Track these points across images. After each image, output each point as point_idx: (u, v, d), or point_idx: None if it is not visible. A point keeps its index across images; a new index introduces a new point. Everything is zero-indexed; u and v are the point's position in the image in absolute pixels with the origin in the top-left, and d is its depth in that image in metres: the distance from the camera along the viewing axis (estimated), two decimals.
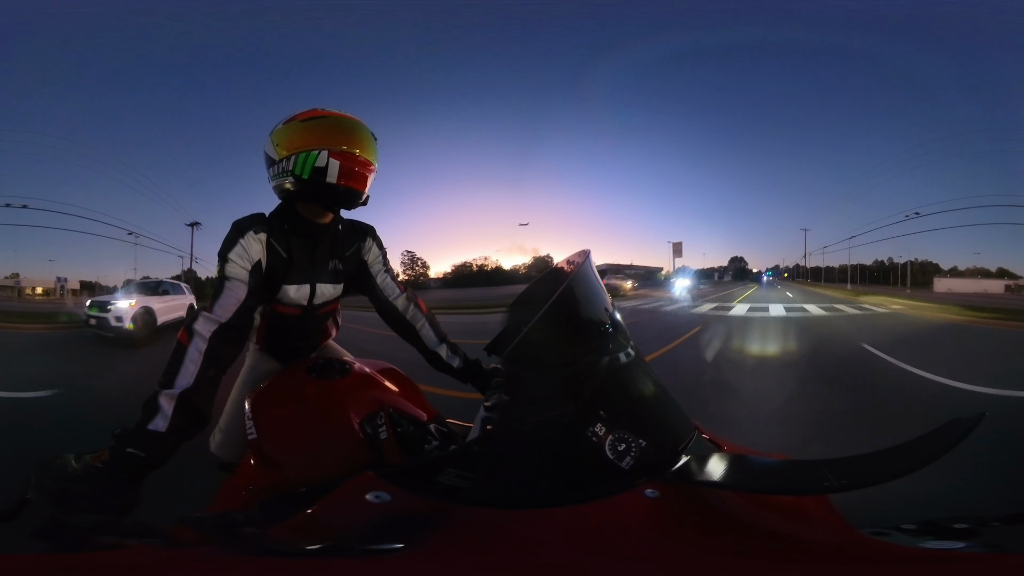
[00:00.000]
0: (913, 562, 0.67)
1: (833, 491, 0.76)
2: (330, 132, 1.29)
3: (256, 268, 1.29)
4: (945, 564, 0.67)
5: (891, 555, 0.70)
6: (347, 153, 1.28)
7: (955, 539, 0.73)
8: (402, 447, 1.13)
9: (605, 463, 0.80)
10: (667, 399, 0.97)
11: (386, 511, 0.75)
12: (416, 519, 0.74)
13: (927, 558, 0.69)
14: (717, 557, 0.68)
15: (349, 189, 1.29)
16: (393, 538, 0.69)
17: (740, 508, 0.78)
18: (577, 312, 0.95)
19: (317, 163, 1.26)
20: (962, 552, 0.70)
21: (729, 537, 0.73)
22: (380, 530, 0.72)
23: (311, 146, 1.27)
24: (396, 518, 0.75)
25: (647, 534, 0.72)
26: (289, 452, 1.16)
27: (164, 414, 1.01)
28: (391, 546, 0.68)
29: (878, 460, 0.77)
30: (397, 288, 1.56)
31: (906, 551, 0.72)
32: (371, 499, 0.76)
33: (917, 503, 1.33)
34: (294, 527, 0.77)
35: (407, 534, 0.70)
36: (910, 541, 0.76)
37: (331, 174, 1.26)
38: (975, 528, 0.76)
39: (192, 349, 1.10)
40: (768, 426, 3.69)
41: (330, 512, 0.78)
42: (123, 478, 0.92)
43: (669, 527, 0.74)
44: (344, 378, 1.35)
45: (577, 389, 0.89)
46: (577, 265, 1.00)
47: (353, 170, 1.28)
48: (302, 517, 0.77)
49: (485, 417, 1.09)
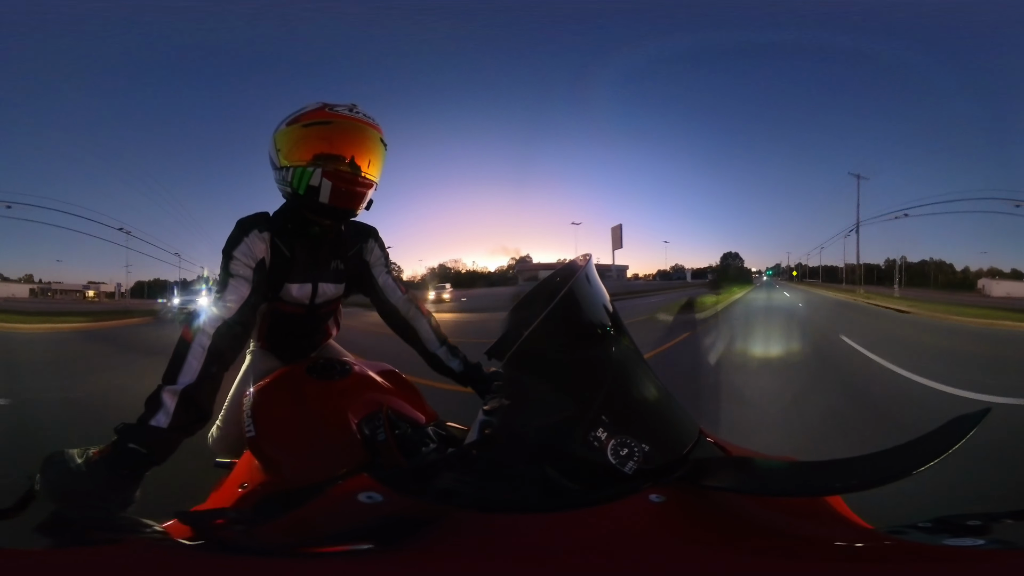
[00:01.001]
0: (938, 560, 0.66)
1: (844, 491, 0.75)
2: (329, 144, 1.26)
3: (260, 266, 1.30)
4: (973, 562, 0.65)
5: (915, 553, 0.69)
6: (342, 173, 1.26)
7: (972, 536, 0.71)
8: (400, 449, 1.13)
9: (608, 468, 0.80)
10: (670, 403, 0.97)
11: (378, 512, 0.75)
12: (408, 521, 0.73)
13: (950, 556, 0.67)
14: (731, 557, 0.67)
15: (342, 210, 1.30)
16: (383, 539, 0.69)
17: (752, 510, 0.77)
18: (578, 316, 0.95)
19: (311, 181, 1.25)
20: (983, 549, 0.68)
21: (742, 538, 0.72)
22: (371, 531, 0.72)
23: (307, 160, 1.26)
24: (387, 519, 0.74)
25: (655, 539, 0.71)
26: (286, 451, 1.16)
27: (166, 410, 1.01)
28: (380, 547, 0.68)
29: (885, 459, 0.76)
30: (398, 289, 1.56)
31: (930, 548, 0.71)
32: (363, 500, 0.76)
33: (917, 502, 1.31)
34: (284, 526, 0.77)
35: (398, 535, 0.70)
36: (929, 539, 0.75)
37: (323, 194, 1.25)
38: (987, 524, 0.74)
39: (195, 345, 1.11)
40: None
41: (321, 512, 0.78)
42: (123, 474, 0.92)
43: (679, 531, 0.73)
44: (344, 379, 1.35)
45: (578, 393, 0.89)
46: (579, 269, 1.00)
47: (346, 191, 1.26)
48: (292, 516, 0.77)
49: (484, 421, 1.09)
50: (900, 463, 0.73)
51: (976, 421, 0.76)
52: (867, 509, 0.81)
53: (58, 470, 0.89)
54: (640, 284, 59.34)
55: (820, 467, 0.79)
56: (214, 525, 0.76)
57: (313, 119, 1.29)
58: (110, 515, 0.82)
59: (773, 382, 5.76)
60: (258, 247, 1.30)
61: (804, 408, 4.51)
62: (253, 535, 0.74)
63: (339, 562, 0.67)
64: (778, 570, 0.64)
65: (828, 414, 4.24)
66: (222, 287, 1.25)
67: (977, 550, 0.67)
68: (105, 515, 0.82)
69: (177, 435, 1.01)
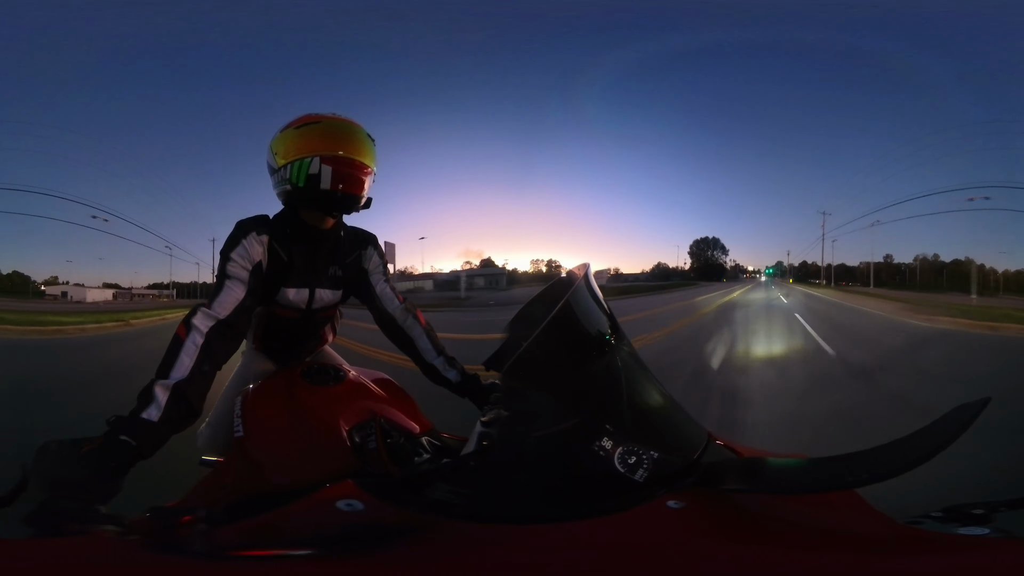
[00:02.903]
0: (960, 549, 0.67)
1: (858, 485, 0.75)
2: (322, 137, 1.30)
3: (256, 269, 1.30)
4: (990, 550, 0.67)
5: (938, 543, 0.70)
6: (340, 157, 1.29)
7: (978, 524, 0.73)
8: (391, 458, 1.11)
9: (617, 477, 0.79)
10: (675, 408, 0.96)
11: (354, 520, 0.73)
12: (388, 529, 0.72)
13: (968, 544, 0.69)
14: (766, 555, 0.66)
15: (344, 194, 1.30)
16: (351, 546, 0.67)
17: (772, 509, 0.76)
18: (577, 326, 0.95)
19: (310, 170, 1.28)
20: (993, 537, 0.70)
21: (772, 536, 0.72)
22: (340, 538, 0.71)
23: (304, 153, 1.29)
24: (362, 527, 0.73)
25: (681, 544, 0.70)
26: (272, 453, 1.14)
27: (158, 403, 1.01)
28: (341, 553, 0.66)
29: (893, 451, 0.76)
30: (396, 298, 1.55)
31: (950, 538, 0.72)
32: (342, 507, 0.74)
33: (919, 492, 1.29)
34: (247, 528, 0.76)
35: (373, 543, 0.68)
36: (946, 528, 0.76)
37: (324, 180, 1.28)
38: (989, 514, 0.76)
39: (189, 343, 1.11)
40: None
41: (293, 517, 0.76)
42: (112, 466, 0.91)
43: (704, 535, 0.71)
44: (338, 385, 1.34)
45: (580, 403, 0.88)
46: (577, 279, 1.00)
47: (346, 174, 1.29)
48: (261, 519, 0.76)
49: (482, 432, 1.07)
50: (907, 454, 0.73)
51: (977, 411, 0.77)
52: (878, 501, 0.81)
53: (50, 461, 0.88)
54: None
55: (830, 462, 0.79)
56: (179, 523, 0.75)
57: (304, 122, 1.34)
58: (87, 507, 0.81)
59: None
60: (255, 250, 1.30)
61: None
62: (210, 536, 0.73)
63: (285, 565, 0.66)
64: (808, 564, 0.63)
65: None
66: (218, 288, 1.25)
67: (988, 539, 0.70)
68: (83, 507, 0.81)
69: (166, 429, 1.01)
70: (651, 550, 0.67)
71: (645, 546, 0.68)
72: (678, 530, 0.73)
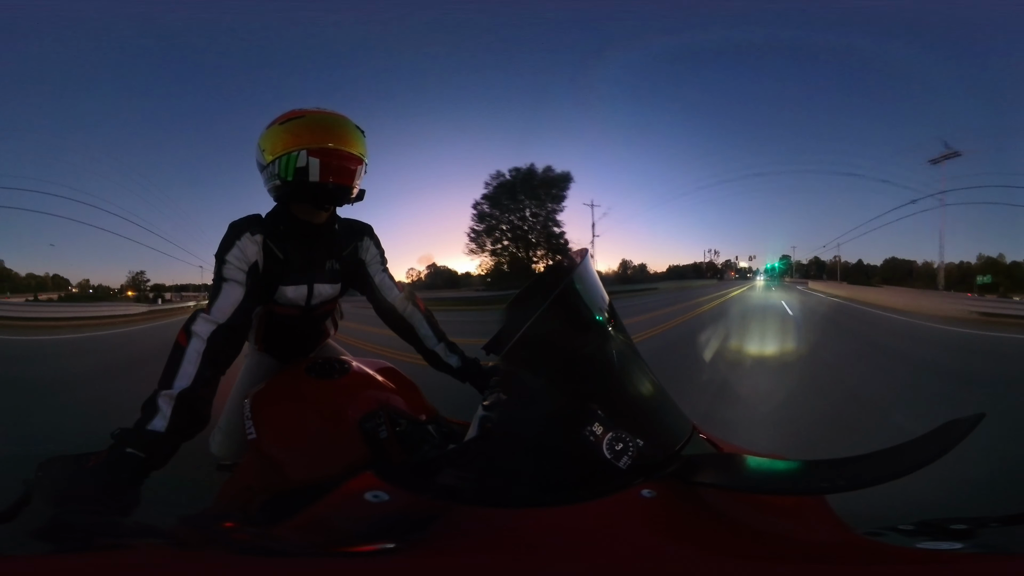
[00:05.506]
0: (908, 562, 0.68)
1: (831, 492, 0.76)
2: (308, 130, 1.29)
3: (253, 269, 1.29)
4: (941, 565, 0.67)
5: (886, 555, 0.70)
6: (327, 149, 1.27)
7: (952, 540, 0.73)
8: (401, 446, 1.13)
9: (602, 462, 0.80)
10: (665, 398, 0.97)
11: (384, 511, 0.75)
12: (414, 518, 0.74)
13: (922, 559, 0.69)
14: (713, 557, 0.69)
15: (334, 185, 1.29)
16: (391, 538, 0.70)
17: (737, 508, 0.78)
18: (575, 311, 0.95)
19: (298, 163, 1.27)
20: (958, 552, 0.70)
21: (726, 537, 0.74)
22: (379, 530, 0.73)
23: (290, 147, 1.27)
24: (394, 518, 0.75)
25: (643, 534, 0.72)
26: (289, 452, 1.16)
27: (163, 414, 1.01)
28: (389, 546, 0.68)
29: (876, 461, 0.77)
30: (395, 287, 1.56)
31: (901, 551, 0.72)
32: (370, 499, 0.76)
33: (914, 504, 1.33)
34: (294, 527, 0.77)
35: (405, 534, 0.71)
36: (906, 541, 0.76)
37: (312, 172, 1.27)
38: (972, 529, 0.76)
39: (191, 350, 1.10)
40: None
41: (329, 512, 0.78)
42: (123, 478, 0.92)
43: (666, 527, 0.74)
44: (343, 377, 1.35)
45: (575, 388, 0.89)
46: (576, 263, 0.99)
47: (334, 165, 1.28)
48: (302, 517, 0.78)
49: (483, 416, 1.09)
50: (890, 466, 0.73)
51: (970, 427, 0.75)
52: (858, 509, 0.82)
53: (56, 475, 0.89)
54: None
55: (810, 467, 0.80)
56: (223, 528, 0.77)
57: (288, 117, 1.32)
58: (114, 520, 0.82)
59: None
60: (250, 250, 1.29)
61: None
62: (269, 537, 0.75)
63: (353, 561, 0.68)
64: (756, 571, 0.66)
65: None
66: (215, 291, 1.24)
67: (956, 553, 0.69)
68: (108, 520, 0.82)
69: (175, 439, 1.01)
70: (620, 537, 0.70)
71: (613, 533, 0.70)
72: (644, 520, 0.75)
